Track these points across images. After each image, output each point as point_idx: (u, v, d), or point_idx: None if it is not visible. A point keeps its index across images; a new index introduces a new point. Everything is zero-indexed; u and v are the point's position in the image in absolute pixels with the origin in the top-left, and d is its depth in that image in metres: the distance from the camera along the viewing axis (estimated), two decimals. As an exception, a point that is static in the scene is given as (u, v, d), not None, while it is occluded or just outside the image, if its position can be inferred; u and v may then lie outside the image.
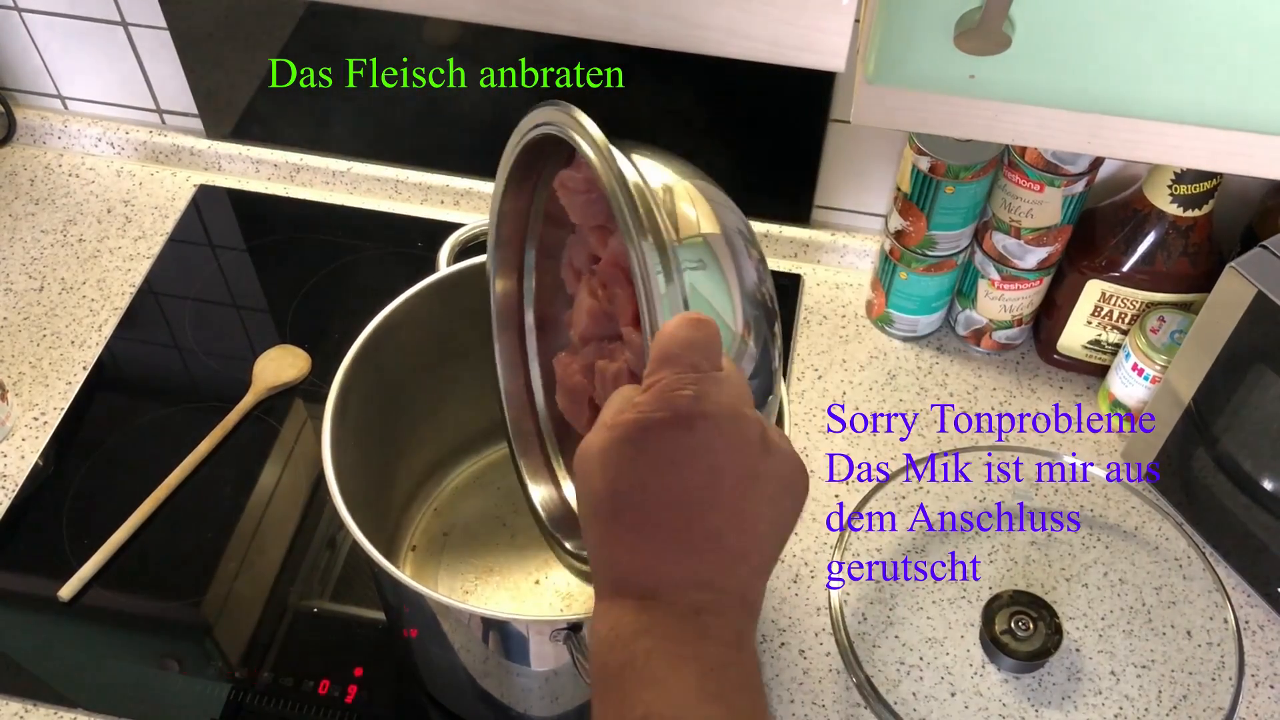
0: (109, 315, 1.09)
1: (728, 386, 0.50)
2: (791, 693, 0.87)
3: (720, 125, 1.07)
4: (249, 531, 0.94)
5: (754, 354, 0.57)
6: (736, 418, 0.49)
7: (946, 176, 0.95)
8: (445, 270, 0.83)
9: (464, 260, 0.83)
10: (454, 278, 0.83)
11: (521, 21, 0.57)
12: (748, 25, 0.54)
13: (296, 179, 1.20)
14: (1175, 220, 0.93)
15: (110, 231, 1.16)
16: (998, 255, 1.00)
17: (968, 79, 0.54)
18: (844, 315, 1.11)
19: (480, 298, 0.77)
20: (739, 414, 0.49)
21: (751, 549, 0.50)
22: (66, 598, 0.89)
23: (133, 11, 1.10)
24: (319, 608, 0.90)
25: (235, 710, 0.85)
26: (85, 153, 1.23)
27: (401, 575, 0.69)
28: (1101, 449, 1.02)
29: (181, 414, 1.02)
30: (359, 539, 0.70)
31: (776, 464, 0.50)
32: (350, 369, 0.78)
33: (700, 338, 0.51)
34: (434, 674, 0.84)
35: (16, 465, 0.98)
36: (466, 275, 0.82)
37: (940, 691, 0.87)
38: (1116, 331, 1.02)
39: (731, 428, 0.49)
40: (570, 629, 0.69)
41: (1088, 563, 0.94)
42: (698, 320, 0.51)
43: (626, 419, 0.49)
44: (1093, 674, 0.88)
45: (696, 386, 0.49)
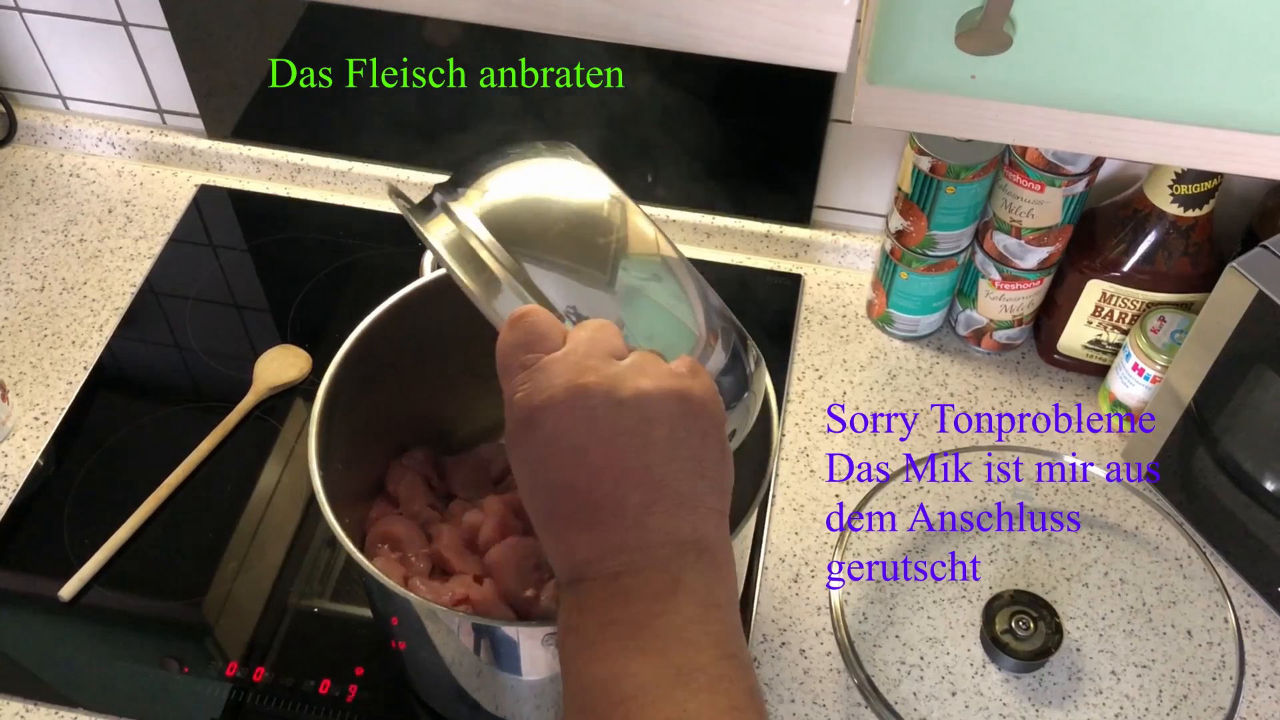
0: (110, 315, 1.09)
1: (558, 366, 0.51)
2: (792, 692, 0.87)
3: (720, 125, 1.07)
4: (249, 531, 0.94)
5: (722, 357, 0.58)
6: (572, 393, 0.50)
7: (947, 176, 0.95)
8: (430, 276, 0.83)
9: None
10: (439, 283, 0.82)
11: (521, 21, 0.57)
12: (748, 25, 0.54)
13: (296, 179, 1.20)
14: (1176, 220, 0.93)
15: (111, 231, 1.16)
16: (998, 255, 1.00)
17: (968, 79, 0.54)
18: (844, 315, 1.11)
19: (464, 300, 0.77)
20: (573, 388, 0.50)
21: (656, 496, 0.51)
22: (67, 598, 0.90)
23: (133, 11, 1.10)
24: (319, 608, 0.90)
25: (235, 710, 0.85)
26: (86, 153, 1.23)
27: (387, 580, 0.68)
28: (1102, 449, 1.02)
29: (182, 414, 1.02)
30: (343, 542, 0.69)
31: (645, 408, 0.51)
32: (336, 374, 0.77)
33: (517, 337, 0.53)
34: (426, 684, 0.84)
35: (17, 465, 0.98)
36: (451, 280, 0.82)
37: (941, 691, 0.87)
38: (1117, 331, 1.02)
39: (570, 403, 0.50)
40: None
41: (1088, 562, 0.94)
42: (512, 321, 0.53)
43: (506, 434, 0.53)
44: (1093, 674, 0.88)
45: (524, 386, 0.51)
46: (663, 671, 0.48)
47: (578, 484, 0.51)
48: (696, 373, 0.54)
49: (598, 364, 0.51)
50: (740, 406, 0.59)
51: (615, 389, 0.51)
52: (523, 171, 0.61)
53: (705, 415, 0.53)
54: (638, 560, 0.50)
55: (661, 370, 0.53)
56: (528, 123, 1.10)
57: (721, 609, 0.51)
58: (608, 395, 0.50)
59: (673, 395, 0.52)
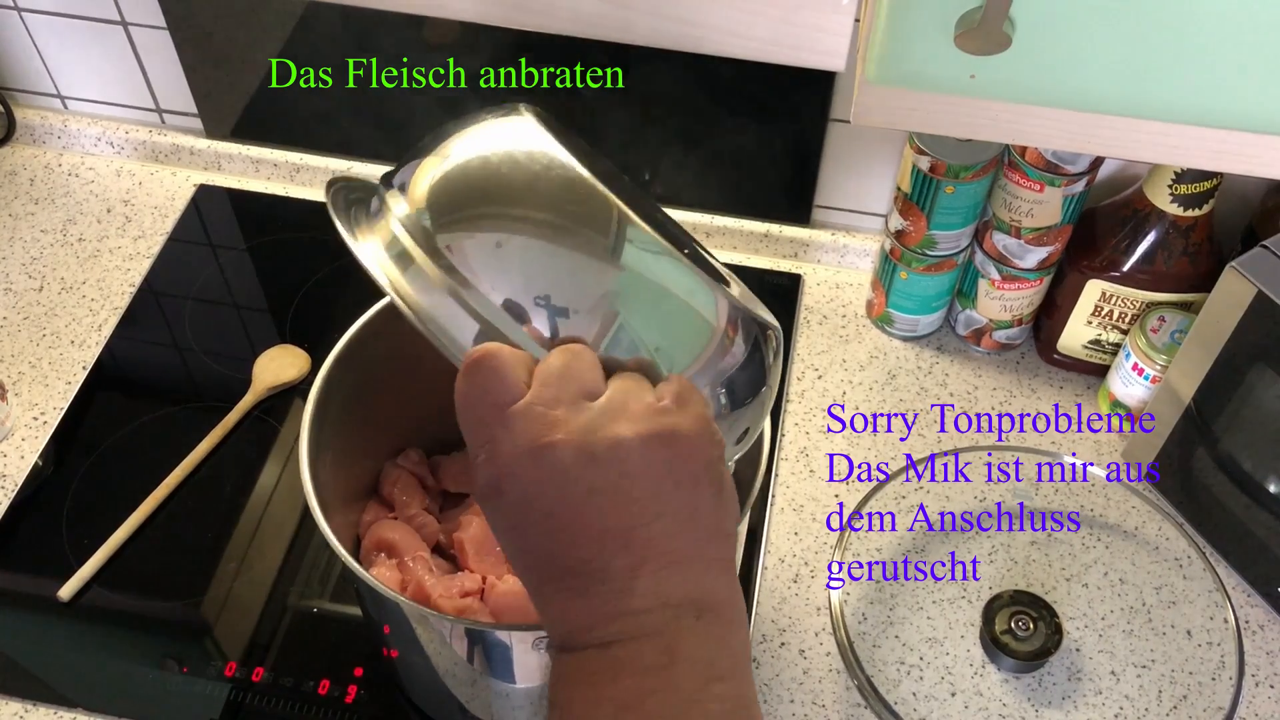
0: (109, 315, 1.09)
1: (521, 422, 0.45)
2: (791, 693, 0.87)
3: (720, 125, 1.07)
4: (248, 531, 0.94)
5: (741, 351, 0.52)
6: (538, 453, 0.45)
7: (947, 176, 0.95)
8: None
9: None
10: None
11: (521, 21, 0.57)
12: (748, 25, 0.54)
13: (296, 179, 1.20)
14: (1175, 220, 0.93)
15: (110, 231, 1.16)
16: (998, 255, 1.00)
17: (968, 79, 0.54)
18: (844, 315, 1.11)
19: None
20: (539, 448, 0.45)
21: (643, 557, 0.45)
22: (66, 598, 0.89)
23: (133, 11, 1.10)
24: (318, 608, 0.90)
25: (235, 710, 0.85)
26: (85, 152, 1.23)
27: (377, 584, 0.68)
28: (1101, 449, 1.02)
29: (181, 414, 1.02)
30: (334, 545, 0.69)
31: (623, 462, 0.45)
32: (329, 376, 0.76)
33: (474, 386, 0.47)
34: (420, 692, 0.84)
35: (16, 465, 0.98)
36: None
37: (940, 691, 0.87)
38: (1117, 331, 1.02)
39: (537, 465, 0.45)
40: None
41: (1088, 563, 0.94)
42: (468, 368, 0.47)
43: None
44: (1093, 674, 0.88)
45: (485, 447, 0.46)
46: None
47: (556, 551, 0.46)
48: (684, 401, 0.48)
49: (566, 414, 0.45)
50: (756, 402, 0.54)
51: (587, 443, 0.45)
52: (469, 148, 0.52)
53: (695, 457, 0.47)
54: (628, 628, 0.45)
55: (641, 408, 0.46)
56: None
57: (725, 681, 0.46)
58: (579, 451, 0.45)
59: (655, 440, 0.46)
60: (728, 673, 0.47)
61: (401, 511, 0.84)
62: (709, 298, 0.51)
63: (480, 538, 0.82)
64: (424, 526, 0.83)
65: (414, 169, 0.52)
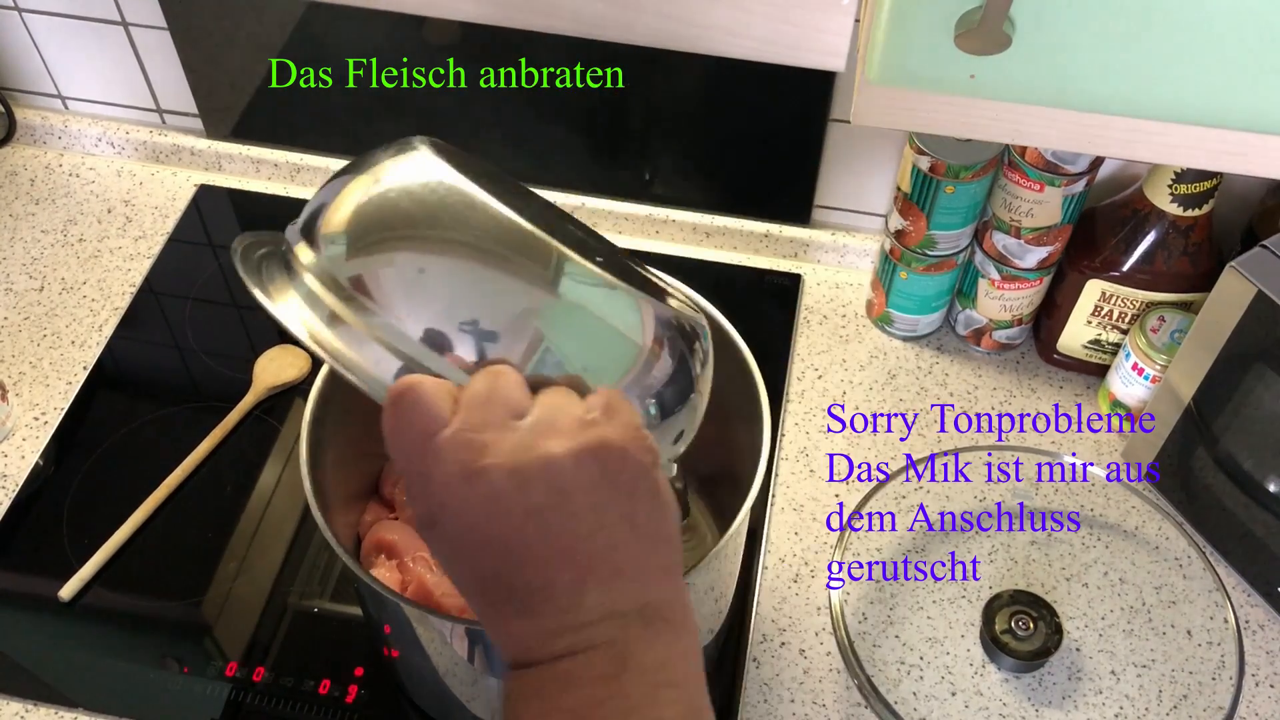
0: (109, 315, 1.09)
1: (449, 449, 0.45)
2: (791, 693, 0.87)
3: (720, 125, 1.07)
4: (249, 531, 0.94)
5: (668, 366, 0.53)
6: (469, 479, 0.45)
7: (946, 176, 0.95)
8: None
9: None
10: None
11: (521, 21, 0.57)
12: (748, 25, 0.54)
13: (296, 179, 1.20)
14: (1175, 220, 0.93)
15: (110, 231, 1.16)
16: (998, 255, 1.00)
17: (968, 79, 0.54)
18: (844, 315, 1.11)
19: None
20: (469, 473, 0.45)
21: (587, 571, 0.46)
22: (66, 598, 0.90)
23: (133, 11, 1.10)
24: (319, 608, 0.90)
25: (235, 710, 0.85)
26: (85, 152, 1.23)
27: (377, 584, 0.68)
28: (1101, 449, 1.02)
29: (181, 414, 1.02)
30: (334, 545, 0.69)
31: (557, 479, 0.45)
32: (328, 376, 0.76)
33: (399, 420, 0.46)
34: (421, 692, 0.84)
35: (16, 465, 0.98)
36: None
37: (940, 691, 0.87)
38: (1116, 331, 1.02)
39: (469, 492, 0.45)
40: None
41: (1088, 562, 0.94)
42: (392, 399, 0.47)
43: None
44: (1093, 674, 0.88)
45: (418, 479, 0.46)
46: None
47: (501, 573, 0.46)
48: (613, 412, 0.47)
49: (496, 435, 0.45)
50: (686, 408, 0.55)
51: (519, 464, 0.45)
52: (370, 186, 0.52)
53: (629, 466, 0.46)
54: (578, 641, 0.45)
55: (570, 422, 0.46)
56: (528, 123, 1.10)
57: (676, 687, 0.47)
58: (512, 473, 0.44)
59: (587, 454, 0.45)
60: (679, 679, 0.47)
61: (402, 512, 0.84)
62: (634, 315, 0.52)
63: None
64: None
65: (316, 215, 0.53)
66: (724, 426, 0.67)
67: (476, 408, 0.46)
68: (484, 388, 0.47)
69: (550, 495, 0.45)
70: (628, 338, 0.52)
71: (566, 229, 0.56)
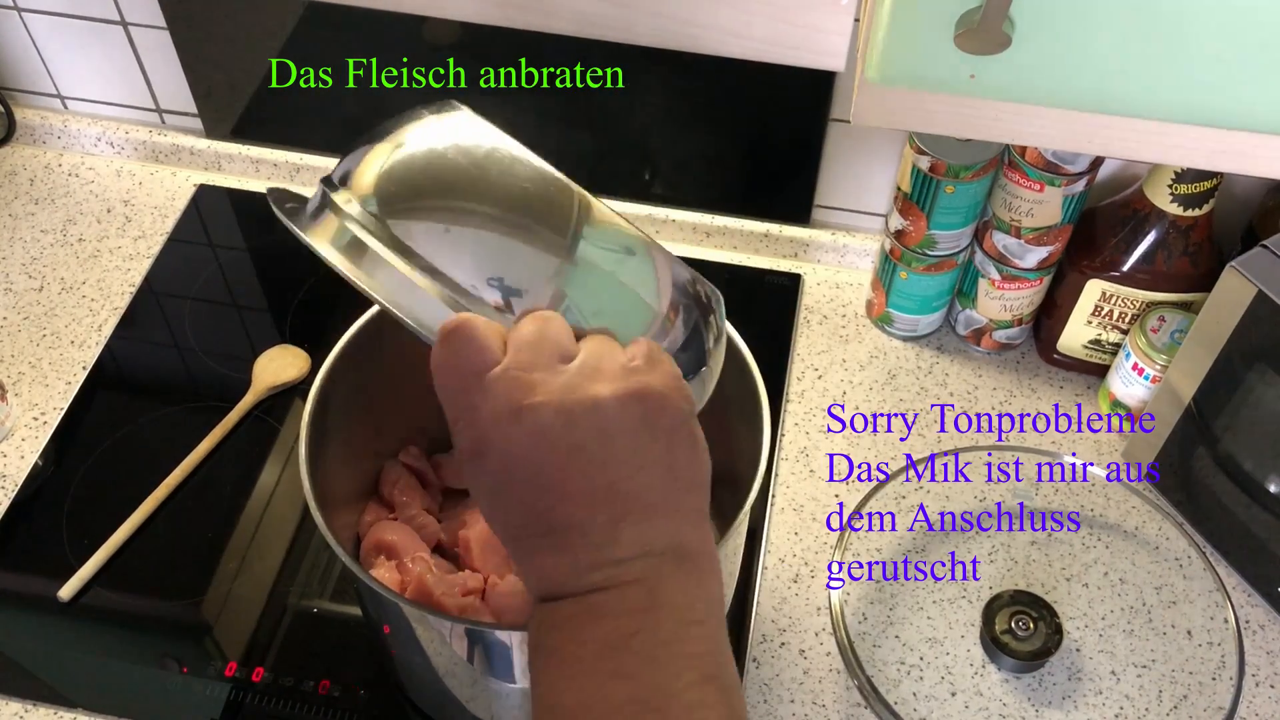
0: (109, 315, 1.09)
1: (500, 385, 0.47)
2: (791, 693, 0.87)
3: (720, 125, 1.07)
4: (248, 531, 0.94)
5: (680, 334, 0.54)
6: (518, 415, 0.46)
7: (946, 176, 0.95)
8: None
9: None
10: None
11: (521, 21, 0.57)
12: (748, 25, 0.54)
13: (296, 179, 1.20)
14: (1175, 220, 0.93)
15: (110, 231, 1.16)
16: (998, 255, 1.00)
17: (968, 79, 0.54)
18: (844, 315, 1.11)
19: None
20: (520, 410, 0.46)
21: (625, 510, 0.47)
22: (66, 598, 0.89)
23: (133, 11, 1.10)
24: (318, 608, 0.90)
25: (235, 710, 0.85)
26: (85, 152, 1.23)
27: (377, 584, 0.68)
28: (1101, 449, 1.02)
29: (181, 414, 1.02)
30: (334, 545, 0.69)
31: (602, 420, 0.47)
32: (328, 376, 0.76)
33: (451, 355, 0.48)
34: (421, 693, 0.84)
35: (16, 465, 0.98)
36: None
37: (940, 691, 0.87)
38: (1117, 331, 1.02)
39: (519, 427, 0.46)
40: None
41: (1088, 563, 0.94)
42: (444, 337, 0.49)
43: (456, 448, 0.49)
44: (1093, 674, 0.88)
45: (466, 413, 0.48)
46: (633, 699, 0.46)
47: (539, 508, 0.47)
48: (655, 362, 0.49)
49: (544, 376, 0.47)
50: (696, 380, 0.56)
51: (566, 403, 0.46)
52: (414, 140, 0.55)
53: (670, 412, 0.48)
54: (611, 576, 0.47)
55: (615, 367, 0.48)
56: (528, 123, 1.10)
57: (703, 624, 0.48)
58: (559, 412, 0.46)
59: (631, 398, 0.47)
60: (704, 616, 0.49)
61: (402, 512, 0.84)
62: (652, 281, 0.53)
63: (486, 536, 0.82)
64: (424, 527, 0.83)
65: (359, 161, 0.55)
66: (724, 426, 0.67)
67: (526, 348, 0.48)
68: (534, 329, 0.49)
69: (594, 435, 0.47)
70: (645, 302, 0.53)
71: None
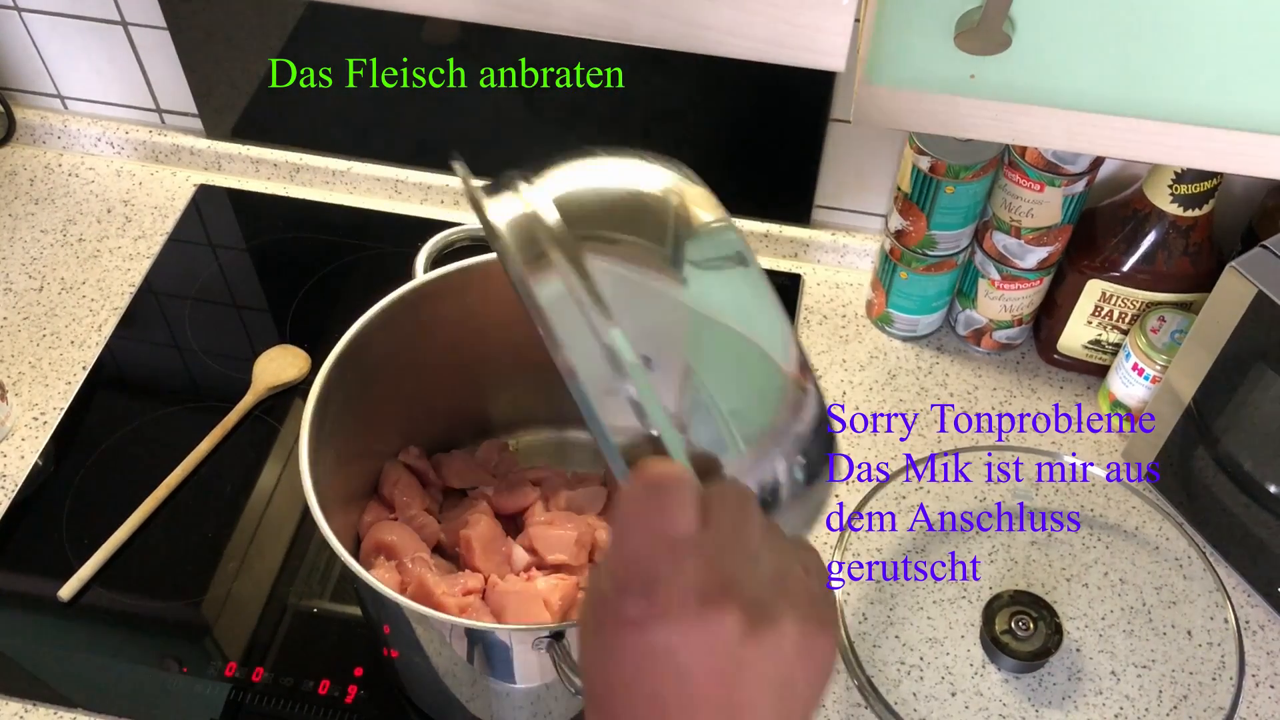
0: (109, 315, 1.09)
1: (692, 570, 0.41)
2: (791, 693, 0.87)
3: (721, 125, 1.07)
4: (248, 531, 0.94)
5: (814, 407, 0.45)
6: (703, 611, 0.40)
7: (946, 176, 0.95)
8: (423, 277, 0.82)
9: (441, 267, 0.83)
10: (432, 284, 0.82)
11: (521, 21, 0.57)
12: (748, 25, 0.54)
13: (296, 179, 1.20)
14: (1175, 220, 0.93)
15: (110, 231, 1.16)
16: (998, 255, 1.00)
17: (968, 79, 0.54)
18: (844, 315, 1.11)
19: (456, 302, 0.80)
20: (706, 606, 0.40)
21: None
22: (66, 598, 0.89)
23: (133, 11, 1.10)
24: (318, 608, 0.90)
25: (235, 710, 0.85)
26: (85, 152, 1.23)
27: (377, 584, 0.68)
28: (1101, 449, 1.02)
29: (181, 414, 1.02)
30: (334, 545, 0.69)
31: (778, 648, 0.41)
32: (329, 376, 0.77)
33: (647, 503, 0.42)
34: (421, 693, 0.84)
35: (16, 465, 0.98)
36: (443, 282, 0.82)
37: (941, 691, 0.87)
38: (1117, 331, 1.02)
39: (696, 625, 0.40)
40: (553, 637, 0.66)
41: (1088, 563, 0.94)
42: (649, 481, 0.42)
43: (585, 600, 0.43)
44: (1093, 674, 0.88)
45: (640, 585, 0.41)
46: None
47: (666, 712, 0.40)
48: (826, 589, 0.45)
49: (737, 574, 0.41)
50: (824, 473, 0.48)
51: (752, 622, 0.40)
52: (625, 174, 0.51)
53: (829, 657, 0.43)
54: None
55: (800, 589, 0.43)
56: (528, 123, 1.10)
57: None
58: (743, 627, 0.40)
59: (808, 638, 0.42)
60: None
61: (402, 512, 0.84)
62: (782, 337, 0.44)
63: (487, 536, 0.82)
64: (424, 527, 0.83)
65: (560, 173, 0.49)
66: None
67: (726, 532, 0.42)
68: (731, 512, 0.43)
69: (767, 664, 0.41)
70: (774, 363, 0.45)
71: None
